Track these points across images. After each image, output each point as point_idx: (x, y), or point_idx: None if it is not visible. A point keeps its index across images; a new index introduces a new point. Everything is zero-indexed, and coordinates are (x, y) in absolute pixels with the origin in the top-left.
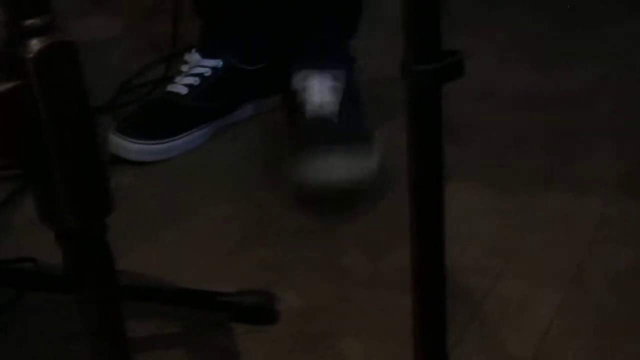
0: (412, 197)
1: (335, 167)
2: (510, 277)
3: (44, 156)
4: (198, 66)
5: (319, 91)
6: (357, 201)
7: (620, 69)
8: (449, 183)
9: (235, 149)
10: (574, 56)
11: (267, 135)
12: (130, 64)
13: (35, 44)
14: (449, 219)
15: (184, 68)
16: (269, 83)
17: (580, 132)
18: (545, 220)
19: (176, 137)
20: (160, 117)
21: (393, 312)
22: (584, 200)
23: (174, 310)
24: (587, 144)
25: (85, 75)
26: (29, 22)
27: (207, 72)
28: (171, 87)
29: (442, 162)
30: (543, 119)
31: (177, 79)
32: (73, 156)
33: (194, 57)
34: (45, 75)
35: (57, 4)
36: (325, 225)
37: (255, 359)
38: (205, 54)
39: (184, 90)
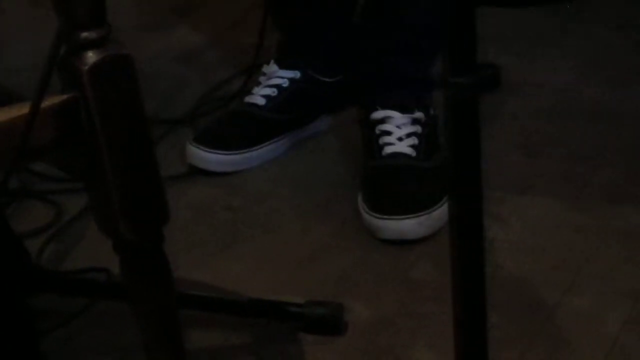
0: (450, 207)
1: (410, 227)
2: (579, 291)
3: (100, 167)
4: (276, 77)
5: (397, 133)
6: None
7: None
8: (524, 196)
9: (312, 161)
10: None
11: (343, 148)
12: (212, 75)
13: (90, 57)
14: (519, 232)
15: (262, 79)
16: (346, 95)
17: None
18: (618, 236)
19: (253, 148)
20: (237, 128)
21: None
22: None
23: (244, 321)
24: None
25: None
26: (84, 34)
27: (285, 83)
28: (249, 98)
29: (479, 172)
30: (619, 135)
31: (255, 90)
32: (127, 167)
33: (271, 68)
34: (100, 88)
35: (141, 17)
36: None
37: None
38: (283, 66)
39: (261, 101)
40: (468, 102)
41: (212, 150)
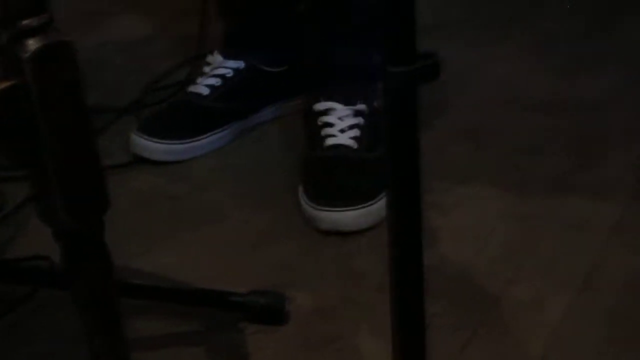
0: (389, 194)
1: (350, 220)
2: (522, 281)
3: (40, 155)
4: (220, 67)
5: (339, 125)
6: None
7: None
8: (468, 186)
9: (256, 151)
10: (596, 62)
11: (287, 139)
12: (157, 65)
13: (31, 44)
14: (462, 223)
15: (206, 69)
16: (290, 86)
17: (599, 139)
18: (561, 225)
19: (198, 138)
20: (181, 117)
21: None
22: (601, 206)
23: (187, 310)
24: (606, 151)
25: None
26: (25, 21)
27: (229, 73)
28: (193, 88)
29: (418, 161)
30: (563, 125)
31: (199, 79)
32: (68, 155)
33: (216, 58)
34: (42, 75)
35: (86, 4)
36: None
37: (265, 358)
38: (228, 56)
39: (205, 91)
40: (406, 93)
41: (156, 140)
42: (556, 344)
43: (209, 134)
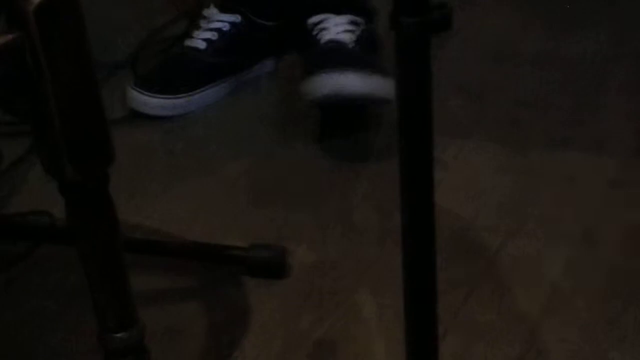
0: (401, 149)
1: (350, 80)
2: (521, 236)
3: (45, 108)
4: (216, 21)
5: (335, 28)
6: (371, 141)
7: (636, 31)
8: (467, 140)
9: (253, 104)
10: (591, 18)
11: (284, 92)
12: (153, 19)
13: None
14: (463, 177)
15: (202, 23)
16: (287, 39)
17: (595, 94)
18: (559, 180)
19: (194, 92)
20: (178, 71)
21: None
22: (598, 161)
23: (187, 264)
24: (602, 106)
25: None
26: None
27: (225, 26)
28: (189, 42)
29: (431, 115)
30: (559, 80)
31: (195, 33)
32: (73, 108)
33: (212, 12)
34: (46, 28)
35: None
36: (339, 182)
37: (266, 312)
38: (224, 9)
39: (202, 45)
40: (419, 44)
41: (152, 95)
42: (556, 299)
43: (205, 87)
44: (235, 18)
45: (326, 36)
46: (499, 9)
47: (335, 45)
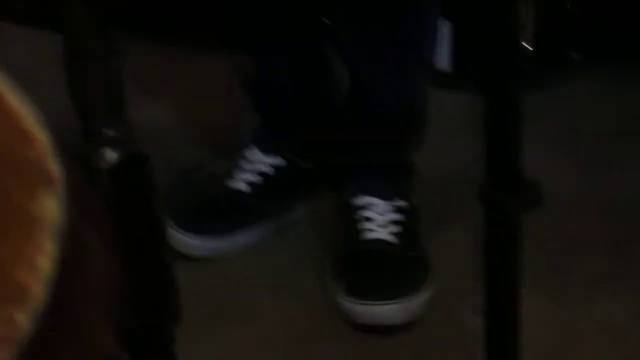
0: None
1: (393, 313)
2: None
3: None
4: (260, 163)
5: (380, 217)
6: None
7: None
8: None
9: (292, 248)
10: (631, 159)
11: (320, 235)
12: (185, 155)
13: (110, 155)
14: None
15: (244, 164)
16: (327, 182)
17: (636, 239)
18: (597, 330)
19: (235, 234)
20: (220, 213)
21: None
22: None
23: None
24: None
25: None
26: (105, 132)
27: (270, 170)
28: (232, 183)
29: (519, 299)
30: (597, 225)
31: (237, 174)
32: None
33: (254, 153)
34: (119, 187)
35: None
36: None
37: None
38: (265, 150)
39: (245, 188)
40: (509, 222)
41: (192, 235)
42: None
43: (246, 230)
44: (280, 161)
45: (369, 234)
46: (535, 148)
47: (379, 252)
